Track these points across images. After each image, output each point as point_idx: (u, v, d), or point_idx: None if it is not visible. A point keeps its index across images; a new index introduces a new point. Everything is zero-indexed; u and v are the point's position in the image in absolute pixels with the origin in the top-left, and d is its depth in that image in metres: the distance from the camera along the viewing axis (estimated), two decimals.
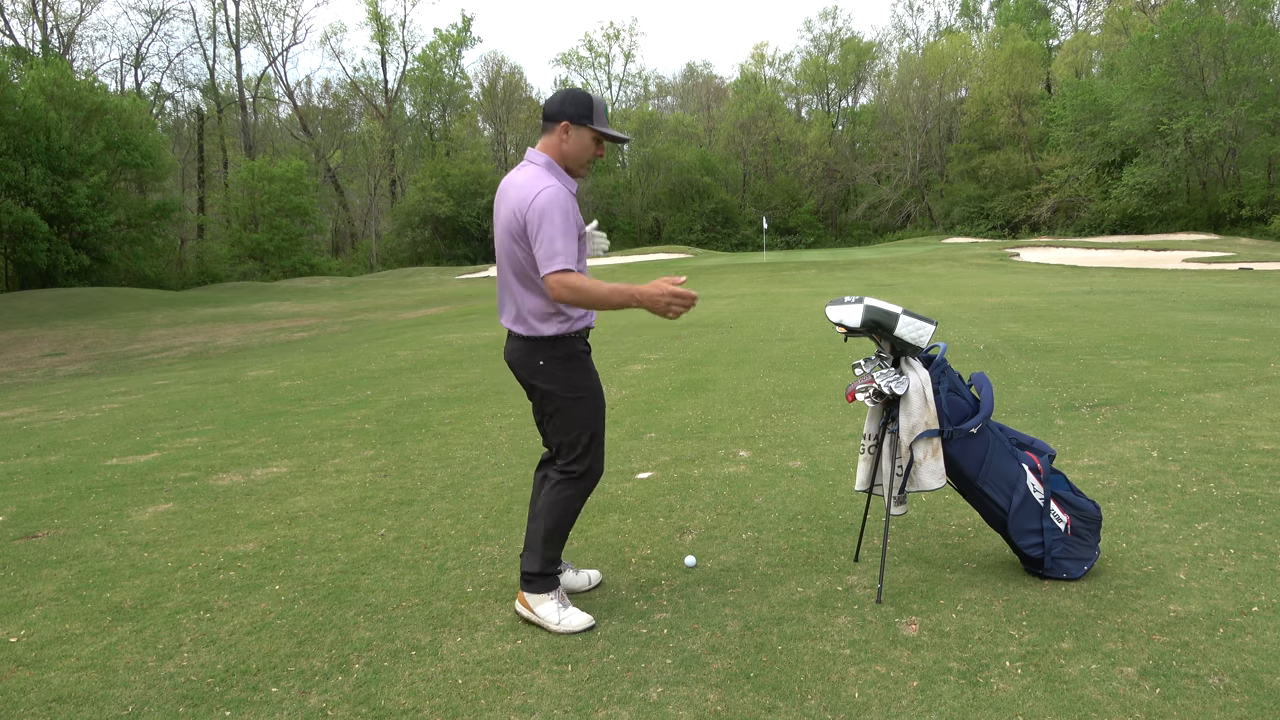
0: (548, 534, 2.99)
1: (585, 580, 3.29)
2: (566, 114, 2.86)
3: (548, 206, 2.74)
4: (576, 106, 2.86)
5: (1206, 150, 41.20)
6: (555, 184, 2.80)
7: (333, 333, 17.79)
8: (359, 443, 6.01)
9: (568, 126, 2.87)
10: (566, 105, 2.87)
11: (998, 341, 9.40)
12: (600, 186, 60.65)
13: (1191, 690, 2.41)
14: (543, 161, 2.89)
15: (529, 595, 2.99)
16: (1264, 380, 6.73)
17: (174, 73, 68.55)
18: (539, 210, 2.74)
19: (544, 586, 2.99)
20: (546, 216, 2.73)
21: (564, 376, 2.92)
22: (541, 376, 2.92)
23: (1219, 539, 3.49)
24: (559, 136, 2.89)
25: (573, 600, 3.17)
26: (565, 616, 2.94)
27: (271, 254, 46.24)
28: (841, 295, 3.28)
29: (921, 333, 3.08)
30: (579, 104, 2.87)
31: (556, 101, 2.89)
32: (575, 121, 2.87)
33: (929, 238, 50.56)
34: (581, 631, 2.92)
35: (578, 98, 2.88)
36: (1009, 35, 55.76)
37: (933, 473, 3.07)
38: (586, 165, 2.95)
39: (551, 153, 2.91)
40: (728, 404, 6.73)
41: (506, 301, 2.97)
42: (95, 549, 3.96)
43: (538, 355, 2.91)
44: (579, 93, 2.90)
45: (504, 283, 2.96)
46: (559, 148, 2.90)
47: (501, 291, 2.99)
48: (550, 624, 2.94)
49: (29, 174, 32.25)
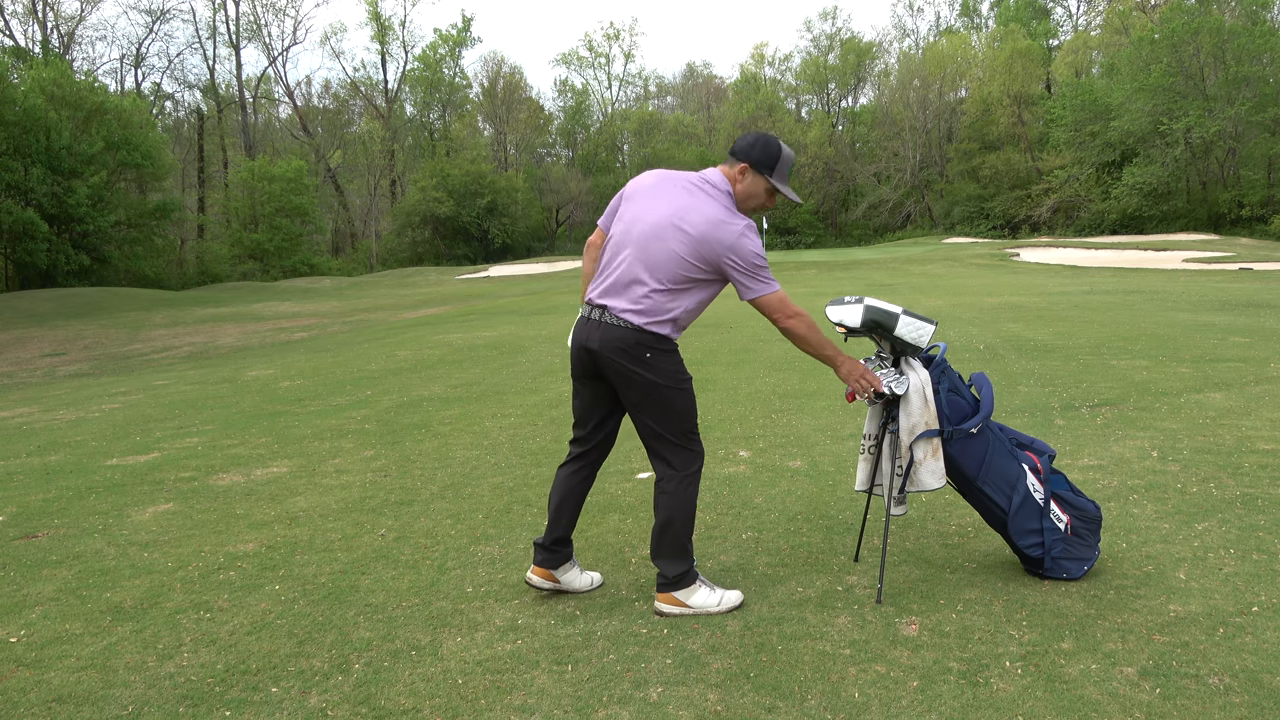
0: (686, 533, 3.05)
1: (588, 581, 3.28)
2: (752, 159, 2.97)
3: (750, 245, 2.90)
4: (764, 155, 2.97)
5: (1206, 150, 41.18)
6: (747, 221, 2.94)
7: (333, 333, 17.79)
8: (359, 443, 6.01)
9: (747, 169, 2.98)
10: (755, 150, 2.98)
11: (998, 341, 9.40)
12: (600, 186, 60.61)
13: (1191, 690, 2.41)
14: (726, 191, 2.99)
15: (678, 593, 3.01)
16: (1264, 380, 6.73)
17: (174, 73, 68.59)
18: (744, 251, 2.89)
19: (690, 579, 3.04)
20: (751, 253, 2.90)
21: (670, 370, 2.99)
22: (645, 367, 2.95)
23: (1219, 539, 3.49)
24: (738, 174, 2.99)
25: (573, 600, 3.17)
26: (724, 596, 3.04)
27: (271, 254, 46.22)
28: (841, 296, 3.29)
29: (921, 333, 3.08)
30: (768, 154, 2.97)
31: (747, 143, 3.01)
32: (756, 169, 2.97)
33: (929, 238, 50.54)
34: (739, 607, 3.04)
35: (769, 148, 2.98)
36: (1009, 35, 55.73)
37: (933, 472, 3.07)
38: (749, 212, 3.04)
39: (731, 185, 3.01)
40: (728, 404, 6.73)
41: (631, 288, 2.96)
42: (95, 549, 3.96)
43: (643, 348, 2.95)
44: (773, 144, 2.99)
45: (635, 276, 2.96)
46: (735, 184, 3.00)
47: (627, 278, 2.97)
48: (711, 608, 3.00)
49: (29, 174, 32.24)
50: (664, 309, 2.94)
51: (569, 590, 3.24)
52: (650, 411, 2.99)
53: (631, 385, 2.97)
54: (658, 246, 2.93)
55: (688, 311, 2.98)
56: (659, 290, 2.93)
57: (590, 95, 70.19)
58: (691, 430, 3.05)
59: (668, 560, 3.03)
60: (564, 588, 3.23)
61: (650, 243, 2.94)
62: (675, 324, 2.98)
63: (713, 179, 2.99)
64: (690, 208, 2.92)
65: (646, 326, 2.93)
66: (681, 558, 3.02)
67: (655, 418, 3.00)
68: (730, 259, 2.88)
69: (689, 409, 3.04)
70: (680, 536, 3.02)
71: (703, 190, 2.97)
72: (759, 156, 2.96)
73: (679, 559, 3.02)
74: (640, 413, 3.02)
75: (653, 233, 2.94)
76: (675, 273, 2.91)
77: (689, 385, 3.04)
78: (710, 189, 2.98)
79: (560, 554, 3.20)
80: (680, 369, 3.02)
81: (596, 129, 68.22)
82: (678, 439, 3.02)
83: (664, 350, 2.96)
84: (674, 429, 3.02)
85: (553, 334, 12.69)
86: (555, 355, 10.17)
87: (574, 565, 3.26)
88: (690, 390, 3.05)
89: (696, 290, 2.97)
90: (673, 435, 3.01)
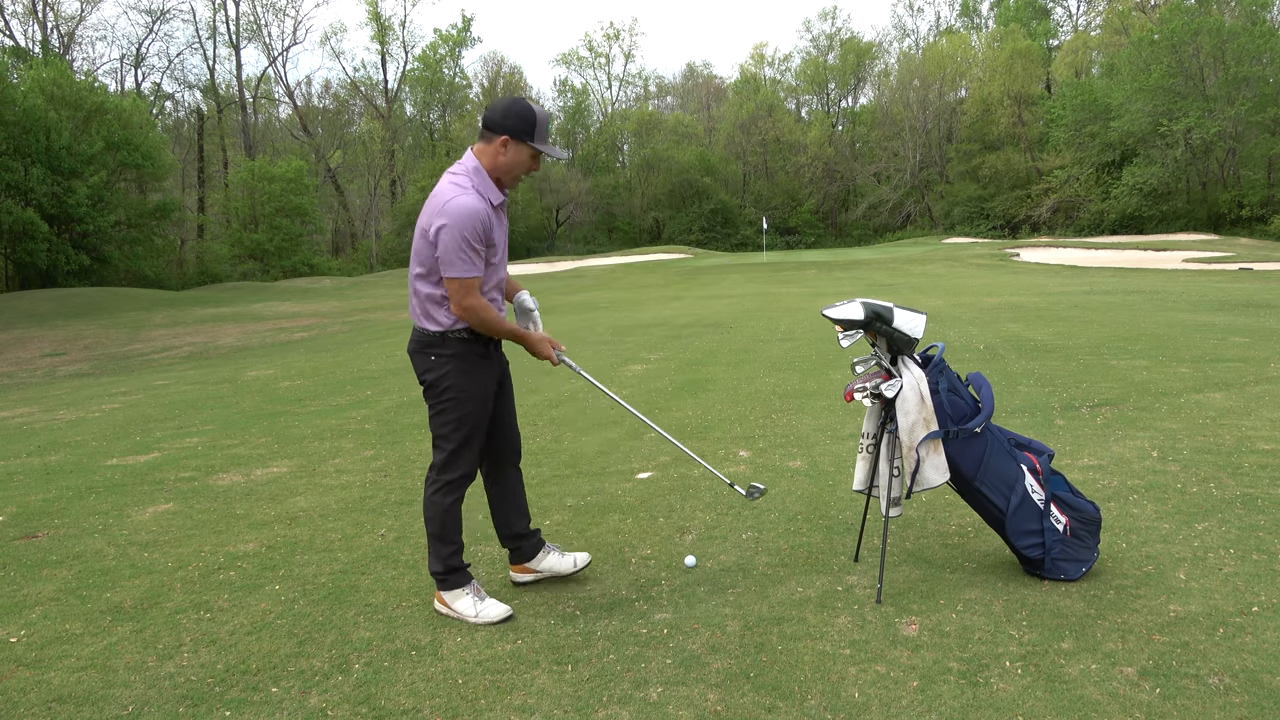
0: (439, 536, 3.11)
1: (570, 563, 3.35)
2: (509, 128, 2.86)
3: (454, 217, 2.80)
4: (520, 122, 2.86)
5: (1206, 150, 41.16)
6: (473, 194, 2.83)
7: (333, 333, 17.78)
8: (359, 443, 6.01)
9: (507, 141, 2.88)
10: (510, 119, 2.86)
11: (998, 341, 9.39)
12: (600, 186, 60.62)
13: (1191, 690, 2.41)
14: (472, 166, 2.90)
15: (445, 594, 3.10)
16: (1264, 380, 6.72)
17: (174, 73, 68.42)
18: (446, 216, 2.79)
19: (456, 583, 3.08)
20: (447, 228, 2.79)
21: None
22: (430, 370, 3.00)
23: (1219, 539, 3.49)
24: (496, 148, 2.89)
25: (573, 600, 3.18)
26: (482, 610, 3.04)
27: (271, 254, 46.18)
28: (840, 297, 3.30)
29: (915, 323, 3.11)
30: (523, 119, 2.86)
31: (499, 112, 2.88)
32: (516, 138, 2.87)
33: (929, 238, 50.52)
34: (500, 621, 3.01)
35: (522, 113, 2.87)
36: (1009, 35, 55.70)
37: (936, 468, 3.08)
38: (517, 179, 2.98)
39: (485, 161, 2.91)
40: (728, 404, 6.73)
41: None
42: (95, 549, 3.96)
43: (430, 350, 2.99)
44: (524, 106, 2.89)
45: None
46: (494, 159, 2.90)
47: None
48: (469, 617, 3.03)
49: (29, 174, 32.20)
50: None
51: (555, 574, 3.31)
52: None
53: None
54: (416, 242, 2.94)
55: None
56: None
57: (590, 95, 70.19)
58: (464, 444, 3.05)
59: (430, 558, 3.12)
60: (547, 573, 3.31)
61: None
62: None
63: (462, 162, 2.93)
64: (425, 209, 2.91)
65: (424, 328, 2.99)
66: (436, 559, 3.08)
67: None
68: (433, 225, 2.82)
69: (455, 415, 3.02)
70: (431, 538, 3.08)
71: (438, 185, 2.93)
72: (515, 124, 2.85)
73: (434, 559, 3.09)
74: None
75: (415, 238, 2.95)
76: (425, 257, 2.89)
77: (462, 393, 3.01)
78: (448, 175, 2.92)
79: (524, 548, 3.31)
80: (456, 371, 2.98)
81: (596, 129, 68.20)
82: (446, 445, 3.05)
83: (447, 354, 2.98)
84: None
85: (552, 334, 12.66)
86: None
87: (550, 551, 3.34)
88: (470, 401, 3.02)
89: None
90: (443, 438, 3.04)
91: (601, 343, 11.13)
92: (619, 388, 7.68)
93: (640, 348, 10.40)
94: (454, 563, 3.07)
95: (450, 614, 3.06)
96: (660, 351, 9.98)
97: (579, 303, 19.73)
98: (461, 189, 2.83)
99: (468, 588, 3.07)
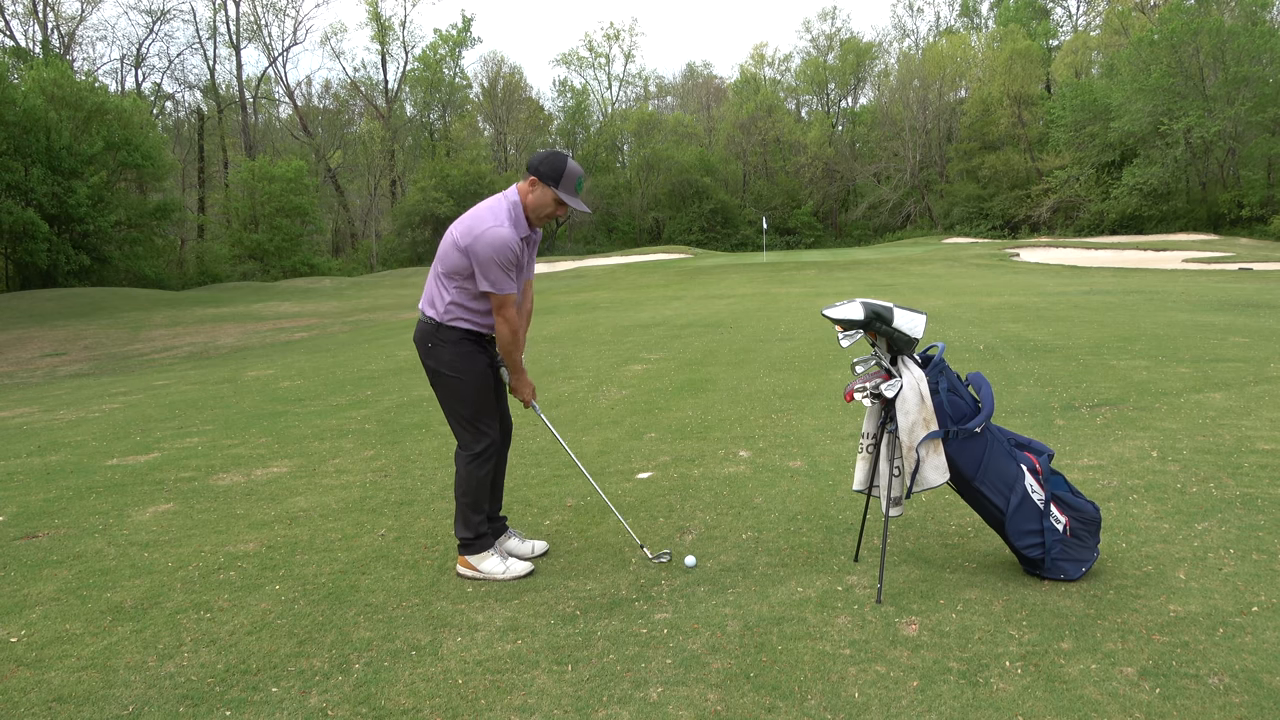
0: (468, 504, 3.47)
1: (529, 549, 3.62)
2: (539, 171, 3.24)
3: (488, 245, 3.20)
4: (550, 169, 3.23)
5: (1206, 150, 41.17)
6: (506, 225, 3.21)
7: (333, 333, 17.78)
8: (359, 443, 6.01)
9: (535, 182, 3.25)
10: (543, 165, 3.25)
11: (997, 341, 9.39)
12: (600, 187, 60.55)
13: (1191, 690, 2.41)
14: (513, 199, 3.28)
15: (470, 557, 3.44)
16: (1264, 380, 6.73)
17: (174, 73, 68.30)
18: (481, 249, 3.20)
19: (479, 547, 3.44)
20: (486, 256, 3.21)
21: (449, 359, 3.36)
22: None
23: (1219, 539, 3.49)
24: (528, 186, 3.28)
25: (573, 600, 3.19)
26: (510, 565, 3.42)
27: (271, 254, 46.17)
28: (840, 297, 3.30)
29: (915, 322, 3.12)
30: (553, 167, 3.23)
31: (538, 157, 3.29)
32: (543, 181, 3.24)
33: (929, 238, 50.52)
34: (525, 575, 3.41)
35: (554, 161, 3.25)
36: (1009, 36, 55.69)
37: (936, 468, 3.08)
38: (544, 220, 3.34)
39: (522, 196, 3.30)
40: (728, 404, 6.73)
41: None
42: (95, 549, 3.96)
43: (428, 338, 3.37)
44: (558, 157, 3.29)
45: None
46: (525, 196, 3.29)
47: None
48: (497, 574, 3.39)
49: (29, 174, 32.20)
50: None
51: (511, 554, 3.56)
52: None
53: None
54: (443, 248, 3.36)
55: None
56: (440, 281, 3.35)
57: (590, 95, 70.14)
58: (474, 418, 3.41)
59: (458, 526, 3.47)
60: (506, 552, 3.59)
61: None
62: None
63: (508, 192, 3.32)
64: (464, 219, 3.29)
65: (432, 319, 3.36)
66: (465, 525, 3.42)
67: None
68: (474, 251, 3.20)
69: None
70: (463, 508, 3.43)
71: (485, 203, 3.32)
72: (545, 170, 3.23)
73: (463, 526, 3.43)
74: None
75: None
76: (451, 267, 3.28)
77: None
78: (493, 200, 3.31)
79: (492, 529, 3.58)
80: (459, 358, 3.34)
81: (596, 129, 68.15)
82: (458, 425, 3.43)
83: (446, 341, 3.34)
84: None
85: (552, 334, 12.69)
86: (555, 356, 10.17)
87: (511, 535, 3.66)
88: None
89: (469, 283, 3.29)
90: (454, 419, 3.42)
91: (602, 343, 11.13)
92: (619, 387, 7.69)
93: (640, 348, 10.41)
94: (482, 529, 3.44)
95: (476, 575, 3.39)
96: (660, 351, 9.98)
97: (579, 303, 19.73)
98: (498, 222, 3.20)
99: (492, 549, 3.44)
